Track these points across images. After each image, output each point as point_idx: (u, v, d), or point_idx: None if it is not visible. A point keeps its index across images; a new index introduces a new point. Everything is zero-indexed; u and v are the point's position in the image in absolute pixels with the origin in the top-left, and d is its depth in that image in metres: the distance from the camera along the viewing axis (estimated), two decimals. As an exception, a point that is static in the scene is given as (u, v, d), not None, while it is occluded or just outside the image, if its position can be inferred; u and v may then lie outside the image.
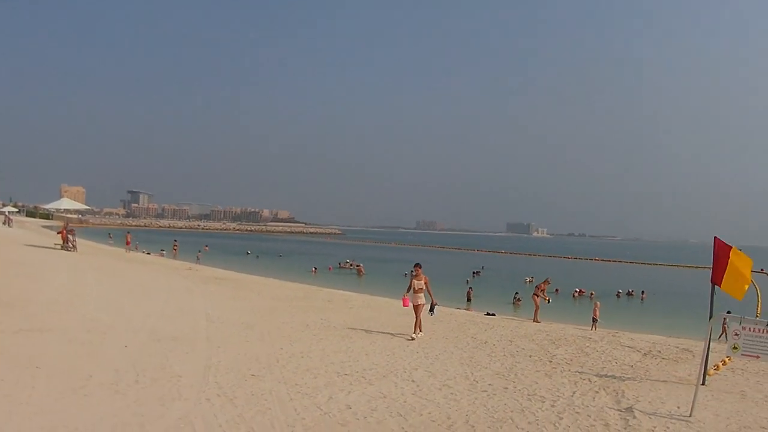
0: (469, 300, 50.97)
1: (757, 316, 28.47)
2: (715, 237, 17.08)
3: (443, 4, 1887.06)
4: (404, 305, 24.60)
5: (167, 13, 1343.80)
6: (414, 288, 24.06)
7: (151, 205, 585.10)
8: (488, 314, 36.65)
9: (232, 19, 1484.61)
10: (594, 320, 33.15)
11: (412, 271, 24.72)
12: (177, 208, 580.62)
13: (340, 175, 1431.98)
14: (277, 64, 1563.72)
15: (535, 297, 35.05)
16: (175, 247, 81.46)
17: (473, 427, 12.42)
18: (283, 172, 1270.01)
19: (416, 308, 23.90)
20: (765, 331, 13.44)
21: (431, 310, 24.68)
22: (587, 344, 24.29)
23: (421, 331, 23.72)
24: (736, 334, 13.76)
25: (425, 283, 24.13)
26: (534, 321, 33.18)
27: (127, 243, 78.11)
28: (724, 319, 15.07)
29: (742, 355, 13.80)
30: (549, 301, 36.98)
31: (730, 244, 16.91)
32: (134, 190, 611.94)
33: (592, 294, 58.49)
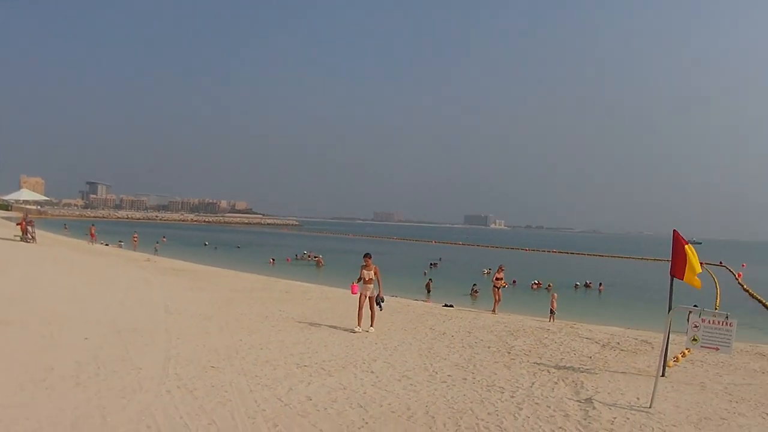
0: (429, 291, 50.95)
1: (716, 308, 28.65)
2: (674, 230, 17.20)
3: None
4: (353, 292, 23.91)
5: (124, 5, 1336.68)
6: (364, 278, 23.44)
7: (109, 196, 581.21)
8: (446, 305, 36.63)
9: (191, 11, 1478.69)
10: (552, 312, 33.27)
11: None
12: (135, 199, 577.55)
13: (298, 166, 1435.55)
14: (235, 55, 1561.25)
15: (497, 289, 34.94)
16: (135, 239, 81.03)
17: (433, 418, 12.40)
18: (241, 163, 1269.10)
19: (363, 299, 23.31)
20: (724, 323, 13.53)
21: (378, 303, 23.63)
22: (545, 335, 24.40)
23: (372, 325, 23.30)
24: (696, 327, 13.84)
25: (375, 274, 23.55)
26: (492, 312, 33.19)
27: (92, 236, 77.80)
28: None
29: (702, 347, 13.88)
30: (506, 286, 36.97)
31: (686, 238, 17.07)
32: (93, 181, 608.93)
33: (549, 286, 58.62)
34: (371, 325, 23.21)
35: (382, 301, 23.93)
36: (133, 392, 12.67)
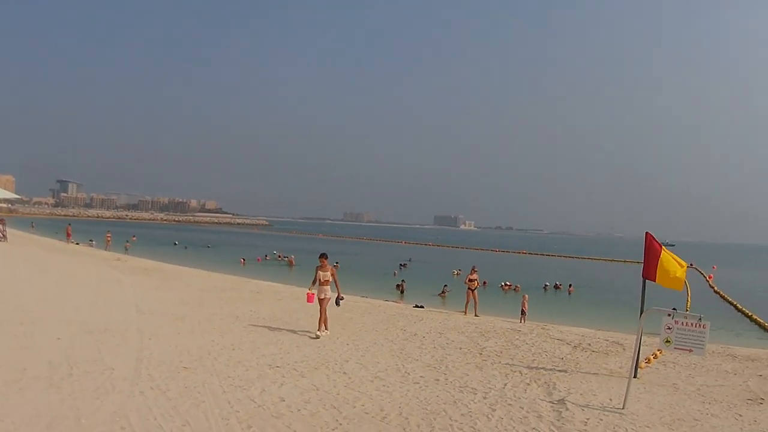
0: (402, 292, 50.92)
1: (686, 310, 28.80)
2: (647, 233, 17.23)
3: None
4: (309, 301, 22.86)
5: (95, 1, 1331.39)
6: (320, 280, 22.59)
7: (80, 195, 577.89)
8: (417, 306, 36.60)
9: (161, 10, 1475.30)
10: (523, 313, 33.30)
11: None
12: (105, 197, 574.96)
13: (268, 166, 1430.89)
14: (204, 53, 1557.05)
15: (471, 291, 34.81)
16: (108, 238, 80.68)
17: (407, 419, 12.43)
18: (211, 163, 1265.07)
19: (321, 302, 22.47)
20: (697, 325, 13.60)
21: (337, 303, 22.91)
22: (517, 336, 24.48)
23: (327, 328, 22.49)
24: (669, 328, 13.91)
25: (332, 275, 22.76)
26: (474, 315, 33.17)
27: (68, 235, 77.87)
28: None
29: (675, 348, 13.96)
30: (478, 286, 36.86)
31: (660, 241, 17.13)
32: (63, 179, 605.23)
33: (517, 287, 58.67)
34: (325, 329, 22.42)
35: (342, 300, 23.23)
36: (107, 393, 12.64)
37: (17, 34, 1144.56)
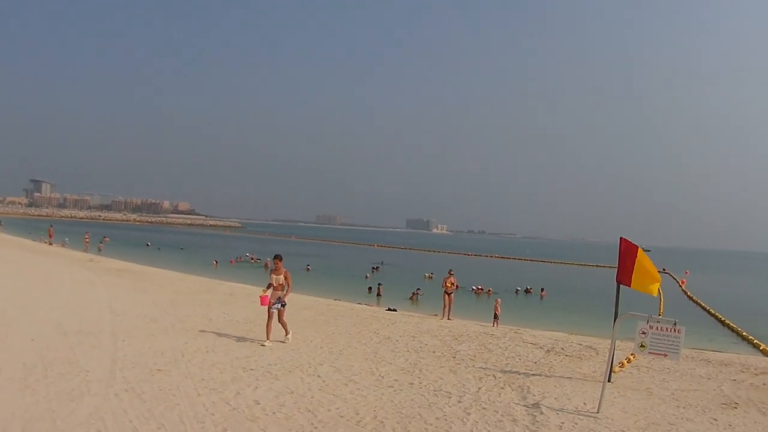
0: (379, 295, 50.95)
1: (659, 314, 28.89)
2: (621, 237, 17.24)
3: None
4: (262, 304, 21.15)
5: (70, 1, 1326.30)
6: (273, 284, 21.17)
7: (53, 195, 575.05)
8: (390, 310, 36.64)
9: (131, 10, 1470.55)
10: (496, 316, 33.29)
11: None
12: (79, 198, 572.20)
13: (240, 168, 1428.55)
14: (177, 55, 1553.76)
15: (447, 295, 34.73)
16: (87, 239, 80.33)
17: (382, 422, 12.42)
18: (184, 164, 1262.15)
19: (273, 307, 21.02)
20: (672, 329, 13.66)
21: (278, 300, 20.97)
22: (490, 340, 24.47)
23: (288, 333, 21.29)
24: (644, 333, 13.96)
25: (286, 278, 21.26)
26: (447, 318, 33.16)
27: (50, 236, 78.03)
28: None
29: (650, 353, 14.01)
30: (456, 288, 36.83)
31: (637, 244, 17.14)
32: (37, 179, 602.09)
33: (489, 291, 58.77)
34: (286, 335, 21.23)
35: (284, 305, 21.11)
36: (82, 395, 12.60)
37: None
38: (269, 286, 21.21)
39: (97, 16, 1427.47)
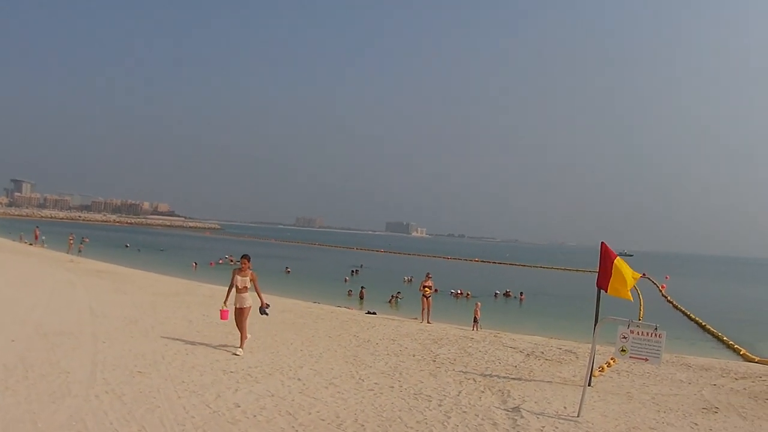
0: (362, 299, 50.94)
1: (639, 319, 28.99)
2: (602, 243, 17.28)
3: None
4: (222, 318, 20.25)
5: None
6: (237, 286, 19.66)
7: (33, 195, 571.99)
8: (369, 313, 36.65)
9: (108, 7, 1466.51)
10: (475, 320, 33.26)
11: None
12: (59, 198, 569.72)
13: (220, 169, 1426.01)
14: (158, 57, 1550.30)
15: (425, 298, 34.71)
16: (71, 240, 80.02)
17: (363, 426, 12.42)
18: (164, 165, 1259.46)
19: (240, 312, 19.57)
20: (653, 334, 13.70)
21: (262, 312, 19.81)
22: (470, 344, 24.52)
23: (246, 337, 19.72)
24: (624, 337, 14.00)
25: (252, 280, 19.74)
26: (421, 321, 33.17)
27: (36, 237, 78.08)
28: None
29: (631, 357, 14.05)
30: (434, 292, 36.81)
31: (615, 251, 17.19)
32: (17, 178, 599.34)
33: (468, 295, 58.76)
34: (240, 346, 19.42)
35: (267, 308, 19.98)
36: (63, 397, 12.55)
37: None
38: (231, 288, 19.81)
39: (80, 15, 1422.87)
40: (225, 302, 19.79)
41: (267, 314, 20.15)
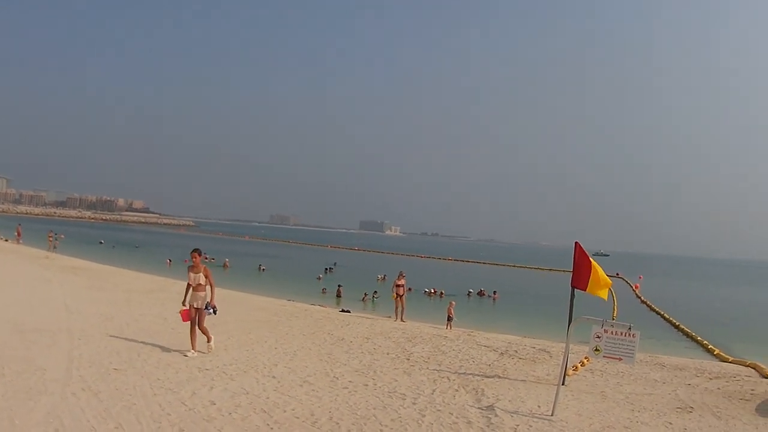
0: (339, 296, 50.95)
1: (613, 318, 29.15)
2: (576, 242, 17.37)
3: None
4: (184, 320, 18.72)
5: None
6: (191, 284, 18.56)
7: (9, 191, 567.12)
8: (343, 311, 36.71)
9: (84, 7, 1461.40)
10: (449, 319, 33.26)
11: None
12: (34, 194, 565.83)
13: (195, 167, 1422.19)
14: (130, 53, 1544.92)
15: (399, 297, 34.69)
16: (50, 237, 79.55)
17: (338, 424, 12.45)
18: (139, 161, 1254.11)
19: (197, 312, 18.44)
20: (627, 334, 13.81)
21: (207, 308, 18.43)
22: (443, 343, 24.58)
23: (210, 339, 18.64)
24: (598, 337, 14.10)
25: (206, 277, 18.57)
26: (401, 320, 33.20)
27: (18, 234, 77.69)
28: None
29: (605, 356, 14.16)
30: (406, 292, 36.82)
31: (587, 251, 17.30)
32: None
33: (442, 293, 58.75)
34: (208, 341, 18.62)
35: (215, 311, 18.71)
36: (39, 394, 12.55)
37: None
38: (188, 290, 18.71)
39: (54, 6, 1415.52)
40: (184, 302, 18.73)
41: (213, 313, 18.72)
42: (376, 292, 52.79)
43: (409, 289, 48.05)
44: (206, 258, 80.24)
